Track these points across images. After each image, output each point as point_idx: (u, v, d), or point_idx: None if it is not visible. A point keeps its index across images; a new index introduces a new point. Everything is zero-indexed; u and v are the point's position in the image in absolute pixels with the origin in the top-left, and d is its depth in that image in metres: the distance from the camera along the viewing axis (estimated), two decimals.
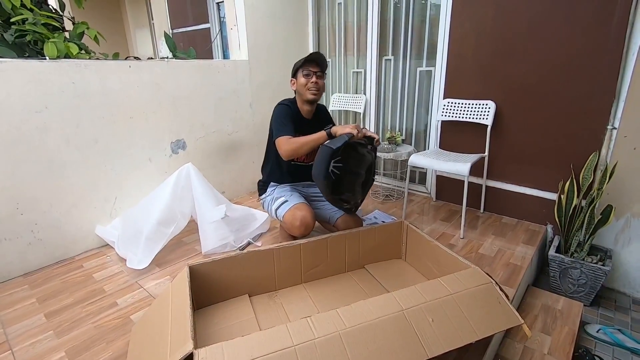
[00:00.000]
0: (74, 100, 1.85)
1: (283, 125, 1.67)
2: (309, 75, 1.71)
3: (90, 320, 1.47)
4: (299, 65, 1.74)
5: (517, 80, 2.13)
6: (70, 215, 1.93)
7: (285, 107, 1.74)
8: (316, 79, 1.72)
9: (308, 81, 1.71)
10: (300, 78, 1.73)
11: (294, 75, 1.77)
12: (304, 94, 1.74)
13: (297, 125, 1.71)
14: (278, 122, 1.70)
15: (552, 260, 1.93)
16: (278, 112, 1.74)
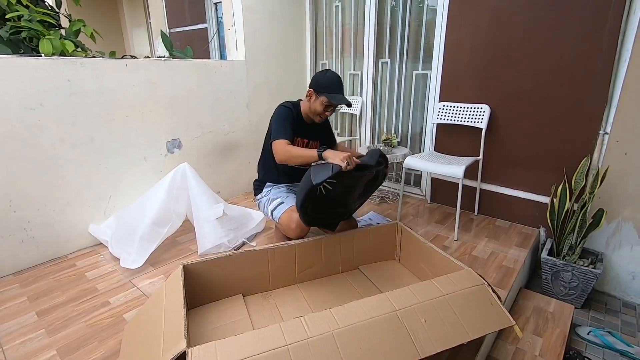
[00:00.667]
0: (70, 98, 1.84)
1: (282, 128, 1.67)
2: (327, 108, 1.71)
3: (83, 319, 1.46)
4: (326, 91, 1.67)
5: (512, 85, 2.15)
6: (64, 213, 1.92)
7: (287, 110, 1.72)
8: (329, 113, 1.75)
9: (323, 112, 1.72)
10: (319, 104, 1.69)
11: (317, 91, 1.69)
12: (313, 116, 1.75)
13: (296, 128, 1.72)
14: (278, 124, 1.69)
15: (544, 263, 1.95)
16: (279, 113, 1.72)
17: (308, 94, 1.73)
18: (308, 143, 1.82)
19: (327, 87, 1.67)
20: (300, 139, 1.79)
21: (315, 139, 1.86)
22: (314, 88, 1.70)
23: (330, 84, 1.67)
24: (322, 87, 1.67)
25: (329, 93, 1.66)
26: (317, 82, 1.70)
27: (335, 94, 1.67)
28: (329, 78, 1.69)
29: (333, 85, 1.68)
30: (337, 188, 1.49)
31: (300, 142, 1.79)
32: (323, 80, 1.68)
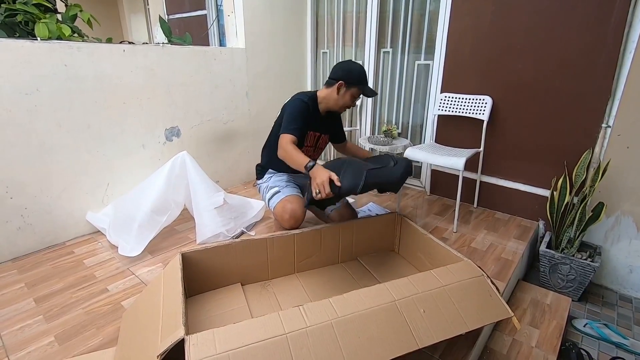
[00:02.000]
0: (66, 83, 1.81)
1: (294, 123, 1.63)
2: (356, 99, 1.73)
3: (81, 306, 1.46)
4: (358, 84, 1.68)
5: (515, 77, 2.13)
6: (61, 200, 1.90)
7: (304, 105, 1.67)
8: (355, 103, 1.78)
9: (352, 103, 1.73)
10: (349, 96, 1.70)
11: (348, 83, 1.67)
12: (338, 107, 1.74)
13: (310, 122, 1.70)
14: (291, 117, 1.65)
15: (542, 256, 1.96)
16: (294, 106, 1.67)
17: (337, 86, 1.68)
18: (319, 137, 1.81)
19: (359, 79, 1.68)
20: (312, 133, 1.76)
21: (327, 132, 1.86)
22: (345, 80, 1.67)
23: (361, 76, 1.69)
24: (355, 80, 1.68)
25: (361, 85, 1.69)
26: (349, 74, 1.68)
27: (366, 86, 1.70)
28: (359, 70, 1.69)
29: (363, 77, 1.70)
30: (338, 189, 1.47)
31: (312, 135, 1.76)
32: (354, 72, 1.68)
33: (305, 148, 1.77)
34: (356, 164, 1.57)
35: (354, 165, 1.56)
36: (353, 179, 1.47)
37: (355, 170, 1.52)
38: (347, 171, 1.50)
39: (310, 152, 1.82)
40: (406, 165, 1.65)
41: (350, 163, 1.58)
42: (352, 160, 1.64)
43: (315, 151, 1.85)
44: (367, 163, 1.63)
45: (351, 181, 1.46)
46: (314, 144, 1.81)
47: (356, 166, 1.55)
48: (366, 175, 1.49)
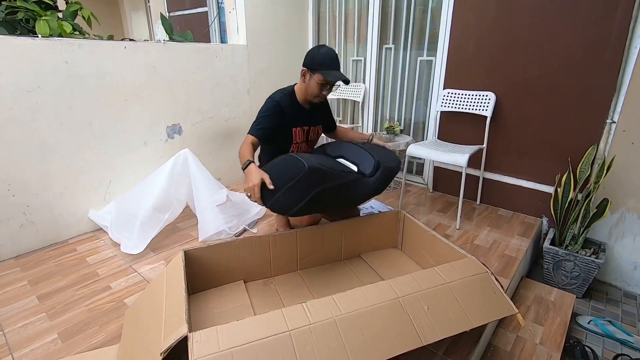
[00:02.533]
0: (67, 81, 1.80)
1: (258, 124, 1.58)
2: (324, 87, 1.58)
3: (84, 303, 1.46)
4: (321, 68, 1.53)
5: (518, 72, 2.11)
6: (63, 198, 1.90)
7: (272, 104, 1.60)
8: (327, 92, 1.61)
9: (320, 92, 1.59)
10: (315, 83, 1.56)
11: (311, 69, 1.56)
12: (311, 98, 1.63)
13: (291, 116, 1.64)
14: (257, 118, 1.61)
15: (546, 253, 1.94)
16: (263, 107, 1.63)
17: (302, 74, 1.60)
18: (309, 130, 1.75)
19: (322, 63, 1.53)
20: (299, 129, 1.69)
21: (317, 124, 1.78)
22: (308, 66, 1.57)
23: (325, 60, 1.54)
24: (317, 64, 1.54)
25: (324, 70, 1.53)
26: (312, 58, 1.56)
27: (330, 71, 1.53)
28: (323, 53, 1.54)
29: (329, 60, 1.54)
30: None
31: (299, 131, 1.70)
32: (317, 57, 1.55)
33: (296, 145, 1.71)
34: (317, 176, 1.35)
35: (308, 179, 1.31)
36: (289, 198, 1.31)
37: (304, 186, 1.31)
38: (294, 186, 1.30)
39: (304, 147, 1.76)
40: (385, 178, 1.54)
41: (309, 175, 1.31)
42: (317, 168, 1.35)
43: (309, 145, 1.79)
44: (339, 171, 1.47)
45: (285, 201, 1.31)
46: (305, 138, 1.74)
47: (308, 180, 1.32)
48: (313, 197, 1.32)
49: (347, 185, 1.48)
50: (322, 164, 1.41)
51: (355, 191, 1.53)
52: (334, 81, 1.56)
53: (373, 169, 1.55)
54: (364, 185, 1.53)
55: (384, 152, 1.70)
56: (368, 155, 1.60)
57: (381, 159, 1.60)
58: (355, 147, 1.67)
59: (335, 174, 1.45)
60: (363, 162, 1.59)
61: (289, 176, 1.32)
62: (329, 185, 1.40)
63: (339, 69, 1.58)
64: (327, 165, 1.45)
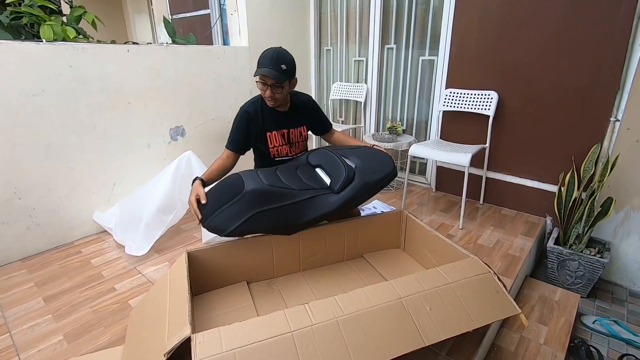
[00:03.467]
0: (71, 84, 1.82)
1: (229, 137, 1.60)
2: (263, 85, 1.50)
3: (89, 305, 1.47)
4: (257, 68, 1.50)
5: (520, 70, 2.10)
6: (68, 200, 1.92)
7: (240, 115, 1.59)
8: (271, 92, 1.50)
9: (264, 92, 1.52)
10: (259, 83, 1.51)
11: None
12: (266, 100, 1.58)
13: (263, 122, 1.60)
14: (230, 131, 1.61)
15: (550, 252, 1.93)
16: (235, 119, 1.60)
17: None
18: (288, 133, 1.67)
19: (258, 62, 1.50)
20: (275, 132, 1.63)
21: (298, 125, 1.70)
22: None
23: (261, 59, 1.49)
24: (257, 64, 1.51)
25: (258, 68, 1.49)
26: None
27: (259, 68, 1.48)
28: (264, 53, 1.50)
29: (264, 58, 1.49)
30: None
31: (275, 135, 1.64)
32: (259, 58, 1.51)
33: (274, 148, 1.66)
34: (258, 197, 1.34)
35: (247, 200, 1.32)
36: (225, 219, 1.32)
37: (241, 207, 1.32)
38: (231, 207, 1.33)
39: (285, 150, 1.69)
40: (358, 193, 1.44)
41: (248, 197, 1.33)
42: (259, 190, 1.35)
43: (293, 146, 1.71)
44: (292, 190, 1.40)
45: (220, 221, 1.33)
46: (287, 140, 1.68)
47: (247, 202, 1.32)
48: (250, 218, 1.32)
49: (300, 205, 1.41)
50: (272, 183, 1.39)
51: (312, 210, 1.42)
52: (257, 77, 1.49)
53: (341, 184, 1.44)
54: (324, 204, 1.43)
55: (374, 160, 1.57)
56: (342, 168, 1.49)
57: (363, 171, 1.49)
58: (335, 156, 1.57)
59: (287, 193, 1.40)
60: (336, 174, 1.49)
61: (227, 197, 1.35)
62: (274, 206, 1.37)
63: (270, 66, 1.46)
64: (282, 182, 1.43)
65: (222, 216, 1.34)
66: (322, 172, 1.60)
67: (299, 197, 1.43)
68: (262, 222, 1.39)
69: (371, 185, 1.53)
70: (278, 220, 1.42)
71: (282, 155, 1.74)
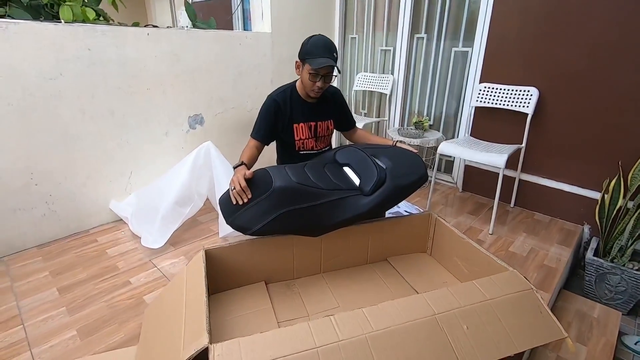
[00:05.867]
0: (90, 68, 1.76)
1: (255, 126, 1.55)
2: (316, 76, 1.44)
3: (103, 299, 1.43)
4: (308, 57, 1.42)
5: (565, 65, 1.93)
6: (85, 188, 1.88)
7: (268, 103, 1.53)
8: (323, 83, 1.46)
9: (313, 84, 1.45)
10: (305, 74, 1.45)
11: (301, 60, 1.46)
12: (308, 91, 1.52)
13: (291, 112, 1.54)
14: (255, 121, 1.56)
15: (589, 264, 1.79)
16: (261, 108, 1.55)
17: (296, 66, 1.50)
18: (315, 126, 1.60)
19: (309, 51, 1.42)
20: (303, 125, 1.57)
21: (327, 118, 1.63)
22: (299, 57, 1.47)
23: (313, 48, 1.42)
24: (305, 53, 1.43)
25: (310, 58, 1.41)
26: (302, 48, 1.46)
27: (316, 58, 1.40)
28: (312, 41, 1.43)
29: (316, 48, 1.41)
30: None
31: (302, 127, 1.57)
32: (306, 46, 1.43)
33: (300, 141, 1.59)
34: (286, 195, 1.26)
35: (274, 198, 1.24)
36: (252, 216, 1.24)
37: (268, 205, 1.24)
38: (259, 204, 1.24)
39: (311, 144, 1.62)
40: (390, 196, 1.37)
41: (276, 195, 1.24)
42: (287, 187, 1.27)
43: (319, 140, 1.64)
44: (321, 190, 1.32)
45: (246, 218, 1.24)
46: (313, 134, 1.61)
47: (274, 200, 1.24)
48: (277, 217, 1.24)
49: (329, 206, 1.32)
50: (301, 181, 1.31)
51: (341, 212, 1.34)
52: (318, 69, 1.41)
53: (372, 186, 1.36)
54: (354, 206, 1.35)
55: (405, 161, 1.49)
56: (374, 169, 1.41)
57: (394, 172, 1.40)
58: (365, 155, 1.49)
59: (316, 193, 1.31)
60: (367, 175, 1.41)
61: (253, 194, 1.26)
62: (303, 206, 1.28)
63: (328, 56, 1.42)
64: (311, 181, 1.34)
65: (247, 214, 1.27)
66: (350, 172, 1.50)
67: (328, 197, 1.35)
68: (289, 222, 1.31)
69: (403, 188, 1.44)
70: (305, 221, 1.33)
71: (307, 148, 1.65)
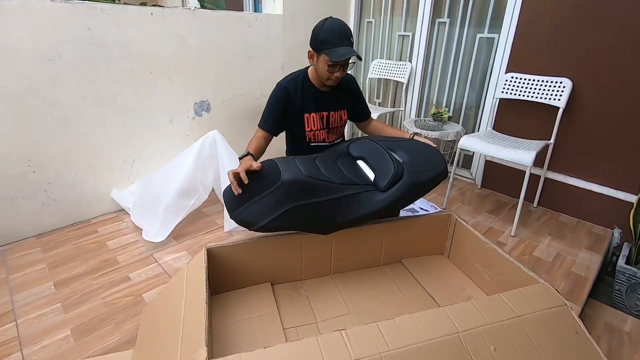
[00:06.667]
0: (90, 50, 1.65)
1: (264, 115, 1.45)
2: (334, 67, 1.32)
3: (100, 295, 1.36)
4: (325, 47, 1.29)
5: (604, 56, 1.76)
6: (85, 176, 1.80)
7: (278, 90, 1.42)
8: (341, 72, 1.35)
9: (331, 74, 1.34)
10: (322, 64, 1.33)
11: (316, 49, 1.33)
12: (324, 81, 1.40)
13: (303, 101, 1.43)
14: (264, 110, 1.45)
15: (620, 273, 1.66)
16: (270, 96, 1.44)
17: (309, 56, 1.38)
18: (328, 116, 1.49)
19: (325, 40, 1.29)
20: (314, 114, 1.46)
21: (340, 108, 1.52)
22: (313, 46, 1.34)
23: (328, 36, 1.29)
24: (321, 42, 1.30)
25: (328, 48, 1.28)
26: (315, 37, 1.32)
27: (335, 48, 1.28)
28: (326, 29, 1.30)
29: (333, 36, 1.29)
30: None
31: (314, 117, 1.46)
32: (320, 34, 1.30)
33: (311, 132, 1.48)
34: (294, 189, 1.15)
35: (282, 192, 1.14)
36: (257, 210, 1.13)
37: (275, 199, 1.14)
38: (265, 197, 1.14)
39: (322, 135, 1.51)
40: (408, 193, 1.26)
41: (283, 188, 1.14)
42: (296, 181, 1.17)
43: (331, 132, 1.53)
44: (333, 184, 1.21)
45: (251, 212, 1.13)
46: (323, 125, 1.50)
47: (281, 194, 1.14)
48: (284, 213, 1.13)
49: (341, 201, 1.22)
50: (312, 174, 1.20)
51: (354, 208, 1.24)
52: (339, 61, 1.29)
53: (389, 182, 1.25)
54: (368, 202, 1.24)
55: (424, 156, 1.38)
56: (390, 163, 1.29)
57: (411, 168, 1.29)
58: (382, 148, 1.37)
59: (328, 187, 1.20)
60: (382, 169, 1.29)
61: (260, 187, 1.15)
62: (313, 201, 1.18)
63: (347, 44, 1.31)
64: (322, 174, 1.23)
65: (253, 208, 1.16)
66: (365, 166, 1.38)
67: (340, 192, 1.23)
68: (298, 218, 1.20)
69: (421, 185, 1.32)
70: (315, 217, 1.23)
71: (318, 140, 1.54)
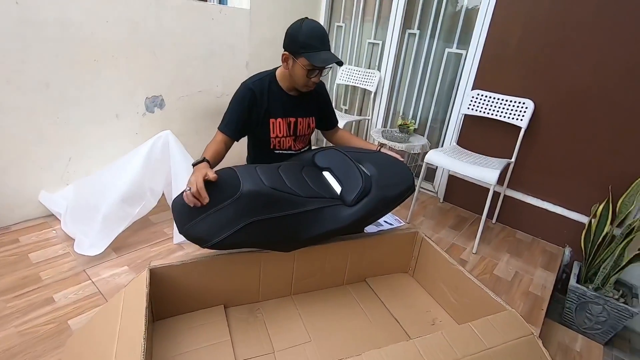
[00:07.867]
0: (19, 28, 1.40)
1: (225, 118, 1.36)
2: (313, 72, 1.25)
3: (14, 322, 1.13)
4: (305, 51, 1.22)
5: (567, 81, 1.82)
6: (6, 174, 1.53)
7: (242, 92, 1.32)
8: (318, 78, 1.29)
9: (309, 79, 1.27)
10: (299, 69, 1.25)
11: (293, 53, 1.25)
12: (298, 87, 1.33)
13: (268, 105, 1.33)
14: (226, 112, 1.36)
15: (572, 291, 1.72)
16: (233, 97, 1.35)
17: (283, 59, 1.28)
18: (295, 122, 1.40)
19: (305, 44, 1.21)
20: (281, 120, 1.36)
21: (308, 115, 1.43)
22: (289, 49, 1.25)
23: (309, 40, 1.21)
24: (300, 46, 1.22)
25: (309, 52, 1.21)
26: (292, 39, 1.24)
27: (317, 53, 1.21)
28: (306, 31, 1.21)
29: (314, 39, 1.22)
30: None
31: (280, 123, 1.37)
32: (300, 36, 1.21)
33: (276, 139, 1.39)
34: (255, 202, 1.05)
35: (240, 204, 1.03)
36: (211, 225, 1.01)
37: (233, 213, 1.02)
38: (221, 210, 1.02)
39: (290, 142, 1.42)
40: (375, 208, 1.20)
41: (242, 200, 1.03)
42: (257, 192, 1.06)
43: (297, 140, 1.45)
44: (297, 197, 1.12)
45: (205, 227, 1.01)
46: (292, 131, 1.41)
47: (240, 206, 1.02)
48: (243, 228, 1.02)
49: (305, 216, 1.13)
50: (275, 185, 1.10)
51: (319, 224, 1.15)
52: (323, 66, 1.23)
53: (356, 196, 1.18)
54: (334, 218, 1.16)
55: (392, 169, 1.33)
56: (358, 176, 1.23)
57: (380, 182, 1.24)
58: (349, 160, 1.31)
59: (291, 200, 1.11)
60: (350, 182, 1.23)
61: (216, 198, 1.02)
62: (275, 215, 1.08)
63: (328, 48, 1.26)
64: (286, 186, 1.14)
65: (207, 222, 1.02)
66: (331, 178, 1.29)
67: (305, 206, 1.13)
68: (257, 234, 1.08)
69: (390, 200, 1.27)
70: (277, 233, 1.11)
71: (283, 148, 1.42)
